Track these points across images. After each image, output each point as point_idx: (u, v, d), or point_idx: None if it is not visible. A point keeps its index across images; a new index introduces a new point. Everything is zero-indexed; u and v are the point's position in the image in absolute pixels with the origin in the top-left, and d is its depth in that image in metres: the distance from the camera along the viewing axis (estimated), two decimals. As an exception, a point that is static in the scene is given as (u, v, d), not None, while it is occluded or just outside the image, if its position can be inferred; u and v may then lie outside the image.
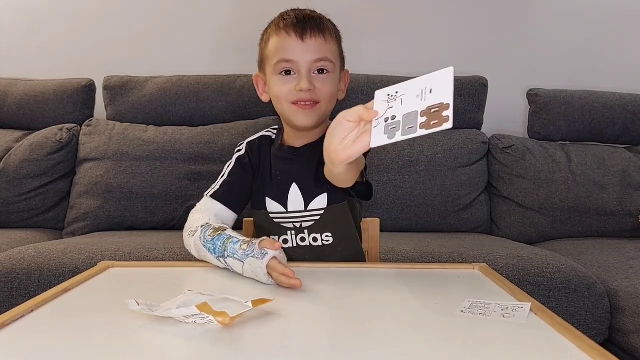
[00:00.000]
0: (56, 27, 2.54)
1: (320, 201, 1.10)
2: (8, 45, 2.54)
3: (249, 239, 0.95)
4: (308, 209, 1.11)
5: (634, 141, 2.33)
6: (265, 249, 0.90)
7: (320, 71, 1.06)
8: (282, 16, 1.09)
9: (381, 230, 1.27)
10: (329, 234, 1.11)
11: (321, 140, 1.08)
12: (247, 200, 1.18)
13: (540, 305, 0.76)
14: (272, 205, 1.13)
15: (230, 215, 1.13)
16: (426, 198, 2.15)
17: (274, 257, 0.89)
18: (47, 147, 2.20)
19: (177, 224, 2.12)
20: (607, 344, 1.58)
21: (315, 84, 1.05)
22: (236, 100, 2.30)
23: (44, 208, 2.19)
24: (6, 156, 2.19)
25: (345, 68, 1.16)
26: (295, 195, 1.11)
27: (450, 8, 2.54)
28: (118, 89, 2.34)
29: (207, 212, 1.11)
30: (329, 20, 1.11)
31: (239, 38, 2.51)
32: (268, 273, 0.88)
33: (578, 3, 2.54)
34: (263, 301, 0.72)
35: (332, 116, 0.86)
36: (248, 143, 1.19)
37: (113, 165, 2.17)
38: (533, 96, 2.35)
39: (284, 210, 1.12)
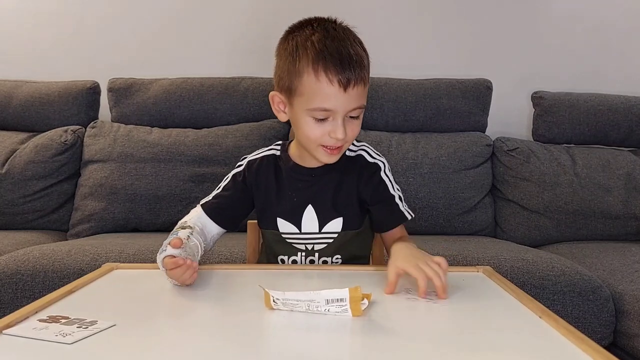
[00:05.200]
0: (61, 29, 2.55)
1: (335, 225, 1.09)
2: (13, 47, 2.55)
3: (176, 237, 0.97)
4: (322, 231, 1.09)
5: (639, 144, 2.32)
6: (167, 246, 0.93)
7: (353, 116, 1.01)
8: (319, 47, 0.97)
9: (385, 233, 1.26)
10: (339, 256, 1.11)
11: (338, 162, 1.05)
12: (238, 217, 1.15)
13: (544, 308, 0.75)
14: (284, 226, 1.10)
15: (215, 228, 1.12)
16: (430, 200, 2.15)
17: (171, 256, 0.89)
18: (51, 148, 2.20)
19: (181, 226, 2.12)
20: (612, 347, 1.58)
21: (346, 129, 0.99)
22: (240, 103, 2.30)
23: (49, 209, 2.20)
24: (11, 158, 2.20)
25: None
26: (310, 217, 1.09)
27: (455, 11, 2.54)
28: (122, 91, 2.34)
29: (194, 220, 1.10)
30: (364, 50, 1.03)
31: (243, 40, 2.51)
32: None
33: (583, 6, 2.53)
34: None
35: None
36: (249, 161, 1.15)
37: (117, 167, 2.17)
38: (538, 99, 2.35)
39: (298, 231, 1.10)
